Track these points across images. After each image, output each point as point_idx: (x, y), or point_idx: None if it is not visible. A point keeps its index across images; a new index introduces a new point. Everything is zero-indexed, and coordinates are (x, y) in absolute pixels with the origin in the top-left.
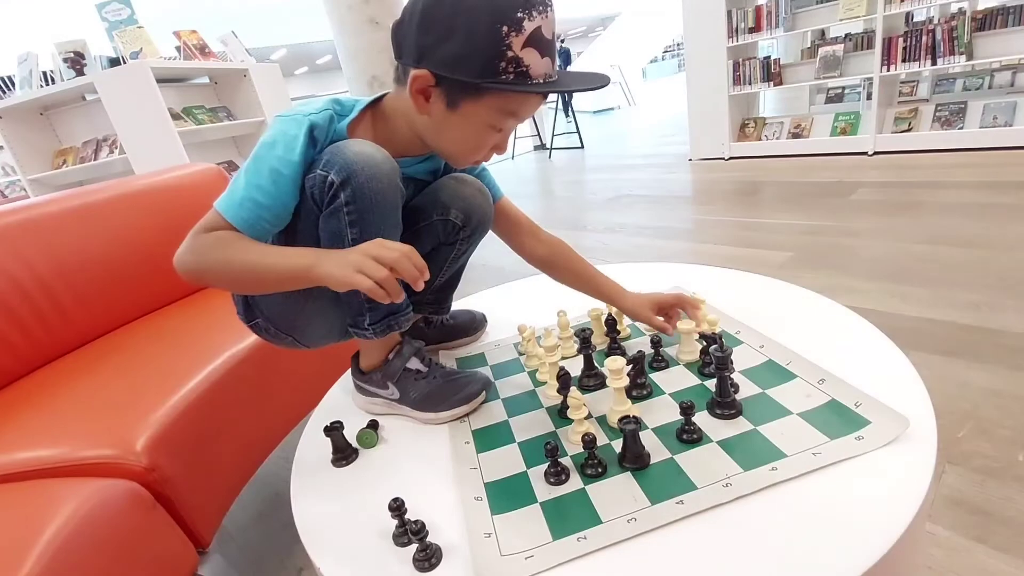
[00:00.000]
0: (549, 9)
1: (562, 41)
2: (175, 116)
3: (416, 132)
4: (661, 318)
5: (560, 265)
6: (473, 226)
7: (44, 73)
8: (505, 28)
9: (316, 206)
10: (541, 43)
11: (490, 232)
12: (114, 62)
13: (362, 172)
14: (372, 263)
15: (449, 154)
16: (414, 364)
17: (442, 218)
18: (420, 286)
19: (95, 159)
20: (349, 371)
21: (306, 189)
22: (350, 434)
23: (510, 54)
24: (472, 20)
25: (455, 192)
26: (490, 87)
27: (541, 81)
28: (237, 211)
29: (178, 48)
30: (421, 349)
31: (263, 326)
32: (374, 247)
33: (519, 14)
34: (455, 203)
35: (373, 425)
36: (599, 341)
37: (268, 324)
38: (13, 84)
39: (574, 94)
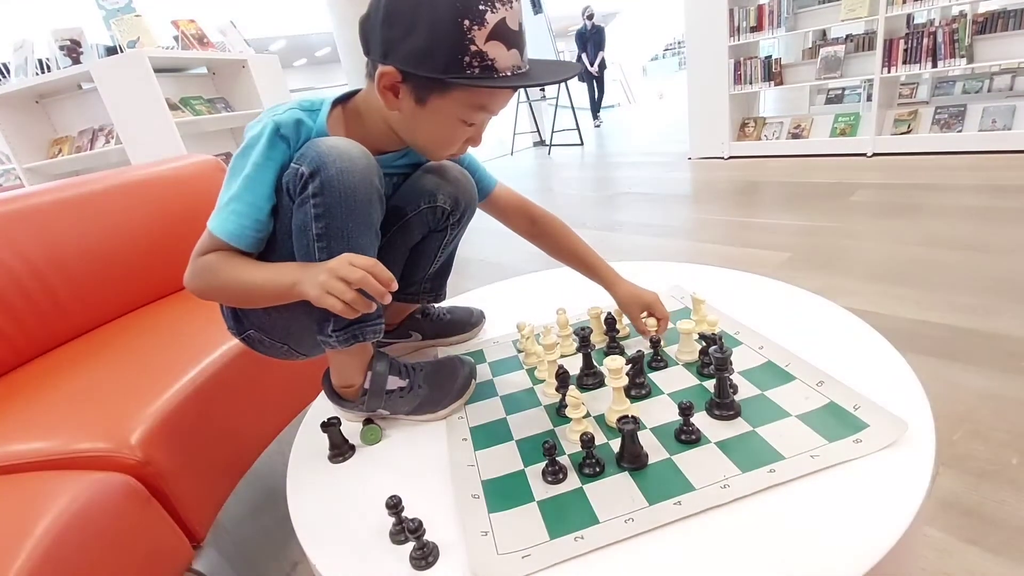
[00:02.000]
0: (514, 0)
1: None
2: (172, 106)
3: (391, 127)
4: (652, 320)
5: (549, 236)
6: (462, 209)
7: (40, 61)
8: (467, 22)
9: (291, 200)
10: (506, 35)
11: (489, 228)
12: (111, 51)
13: (332, 165)
14: (340, 284)
15: (422, 149)
16: (393, 384)
17: (430, 205)
18: (387, 299)
19: (91, 149)
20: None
21: (282, 185)
22: (347, 430)
23: (473, 48)
24: (434, 14)
25: (440, 178)
26: (455, 82)
27: (509, 74)
28: (223, 226)
29: (176, 38)
30: (395, 362)
31: (256, 338)
32: (341, 266)
33: (481, 7)
34: (441, 188)
35: (372, 420)
36: (598, 340)
37: (262, 335)
38: (8, 71)
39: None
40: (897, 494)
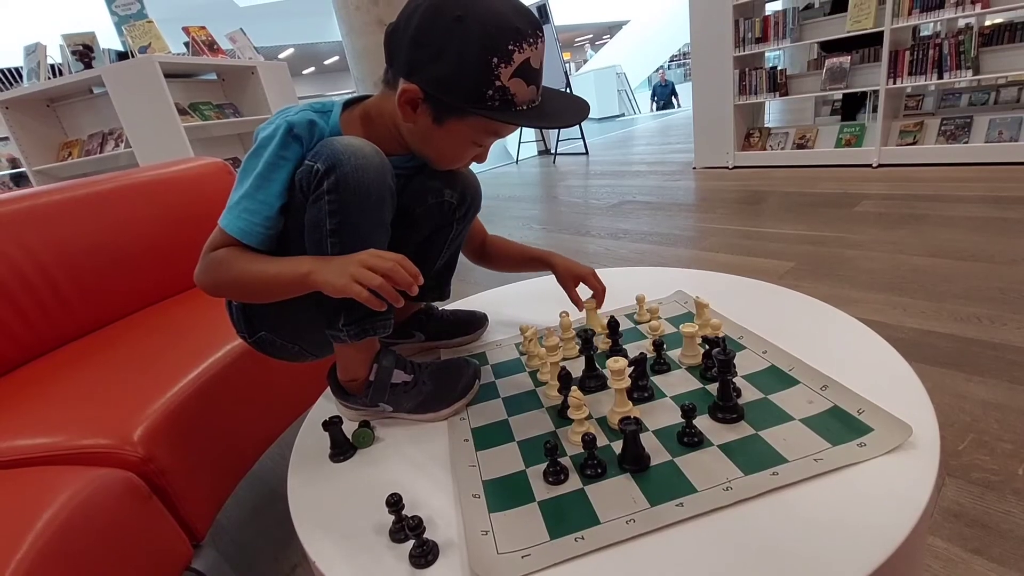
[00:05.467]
0: (539, 41)
1: None
2: (182, 111)
3: (401, 135)
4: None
5: (494, 250)
6: (468, 204)
7: (52, 66)
8: (495, 59)
9: (304, 197)
10: (528, 73)
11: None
12: (122, 56)
13: (348, 162)
14: (368, 273)
15: (431, 160)
16: (399, 378)
17: (438, 200)
18: (415, 291)
19: (100, 152)
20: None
21: (295, 183)
22: (348, 429)
23: (497, 83)
24: (464, 47)
25: (447, 174)
26: (475, 112)
27: (525, 107)
28: (234, 223)
29: (187, 44)
30: (401, 357)
31: (267, 339)
32: (369, 257)
33: (510, 46)
34: (448, 184)
35: (366, 423)
36: (598, 335)
37: (273, 336)
38: (21, 76)
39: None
40: (901, 498)
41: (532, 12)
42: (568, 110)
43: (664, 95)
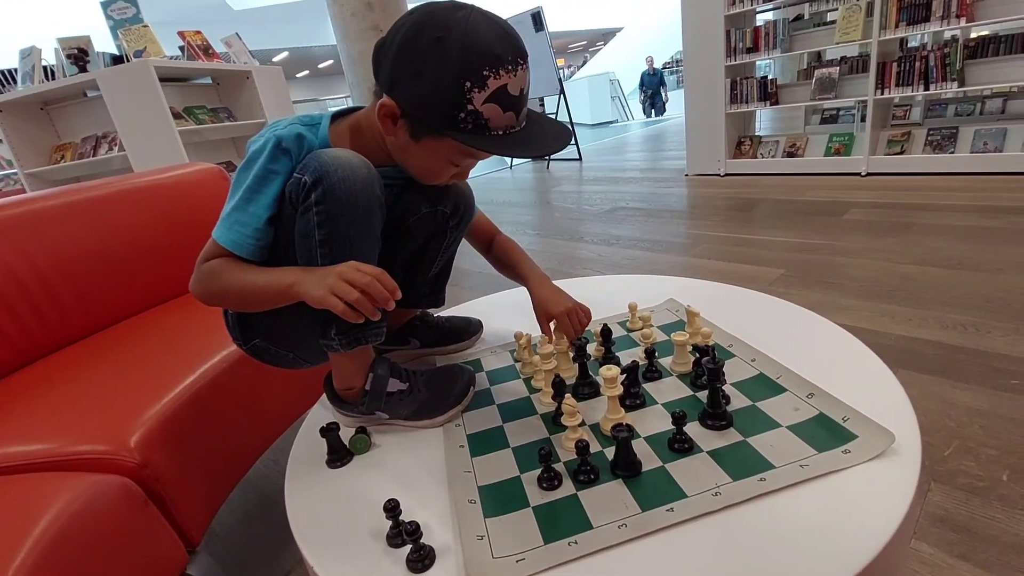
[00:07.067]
0: (519, 67)
1: None
2: (176, 115)
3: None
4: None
5: (497, 251)
6: (461, 213)
7: (46, 68)
8: (468, 83)
9: (294, 209)
10: (505, 99)
11: None
12: (117, 60)
13: (334, 173)
14: (346, 286)
15: (412, 174)
16: (394, 386)
17: (431, 210)
18: (392, 306)
19: (94, 155)
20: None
21: (285, 195)
22: (345, 436)
23: (470, 107)
24: (439, 70)
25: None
26: (447, 134)
27: (501, 132)
28: (226, 235)
29: (182, 48)
30: (396, 365)
31: (262, 347)
32: (348, 270)
33: (485, 72)
34: (442, 194)
35: (363, 430)
36: (592, 342)
37: (267, 344)
38: (15, 78)
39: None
40: (884, 502)
41: (517, 37)
42: (547, 139)
43: (653, 84)
